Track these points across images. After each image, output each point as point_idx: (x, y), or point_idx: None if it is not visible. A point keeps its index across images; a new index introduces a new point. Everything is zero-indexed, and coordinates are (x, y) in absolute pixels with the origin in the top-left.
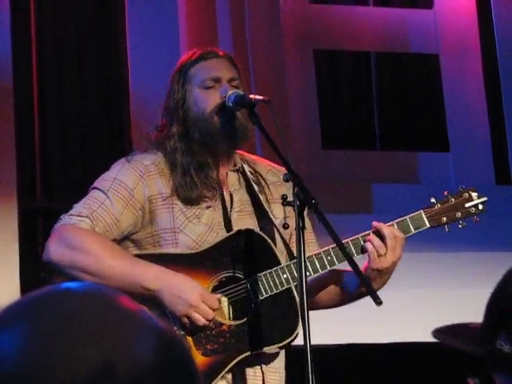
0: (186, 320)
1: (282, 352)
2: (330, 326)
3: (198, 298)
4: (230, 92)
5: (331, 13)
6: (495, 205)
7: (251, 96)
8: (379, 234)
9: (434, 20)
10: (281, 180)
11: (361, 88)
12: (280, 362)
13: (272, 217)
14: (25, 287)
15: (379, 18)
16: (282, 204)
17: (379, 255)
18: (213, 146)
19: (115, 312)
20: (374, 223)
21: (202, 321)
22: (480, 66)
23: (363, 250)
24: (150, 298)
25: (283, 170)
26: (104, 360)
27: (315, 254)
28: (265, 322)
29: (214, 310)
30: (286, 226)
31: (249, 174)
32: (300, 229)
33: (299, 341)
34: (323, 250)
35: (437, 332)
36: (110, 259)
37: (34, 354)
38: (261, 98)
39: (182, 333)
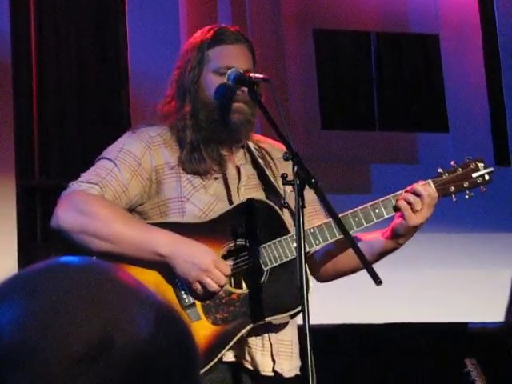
0: (197, 286)
1: (294, 324)
2: (331, 306)
3: (210, 263)
4: (230, 71)
5: None
6: (494, 186)
7: (251, 74)
8: (414, 193)
9: (435, 0)
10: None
11: (360, 68)
12: (291, 335)
13: (279, 190)
14: (23, 264)
15: None
16: (282, 183)
17: (415, 211)
18: (216, 130)
19: (114, 286)
20: (409, 187)
21: (214, 286)
22: (480, 46)
23: (396, 209)
24: (161, 264)
25: (282, 147)
26: (102, 333)
27: (323, 224)
28: (274, 291)
29: (226, 277)
30: (285, 205)
31: (253, 149)
32: (300, 208)
33: (298, 320)
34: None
35: None
36: (121, 224)
37: (32, 326)
38: (261, 76)
39: (192, 301)
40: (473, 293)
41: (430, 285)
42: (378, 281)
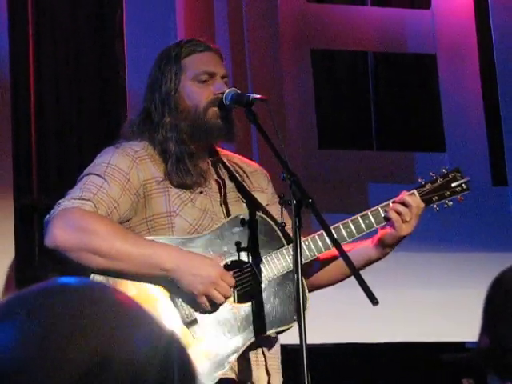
0: (203, 299)
1: (280, 337)
2: (326, 326)
3: (217, 275)
4: (228, 90)
5: (329, 12)
6: (491, 206)
7: (249, 95)
8: (403, 203)
9: (432, 20)
10: (255, 170)
11: (358, 88)
12: (278, 348)
13: (260, 202)
14: (21, 284)
15: (377, 17)
16: (280, 203)
17: (405, 221)
18: (202, 138)
19: (112, 307)
20: (397, 198)
21: (221, 299)
22: (477, 66)
23: (386, 218)
24: (163, 279)
25: (252, 163)
26: (100, 355)
27: (318, 235)
28: (271, 305)
29: (231, 288)
30: (283, 225)
31: (227, 164)
32: (297, 228)
33: (295, 340)
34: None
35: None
36: (122, 240)
37: (29, 347)
38: (258, 96)
39: (194, 316)
40: (470, 312)
41: (427, 304)
42: (374, 301)
